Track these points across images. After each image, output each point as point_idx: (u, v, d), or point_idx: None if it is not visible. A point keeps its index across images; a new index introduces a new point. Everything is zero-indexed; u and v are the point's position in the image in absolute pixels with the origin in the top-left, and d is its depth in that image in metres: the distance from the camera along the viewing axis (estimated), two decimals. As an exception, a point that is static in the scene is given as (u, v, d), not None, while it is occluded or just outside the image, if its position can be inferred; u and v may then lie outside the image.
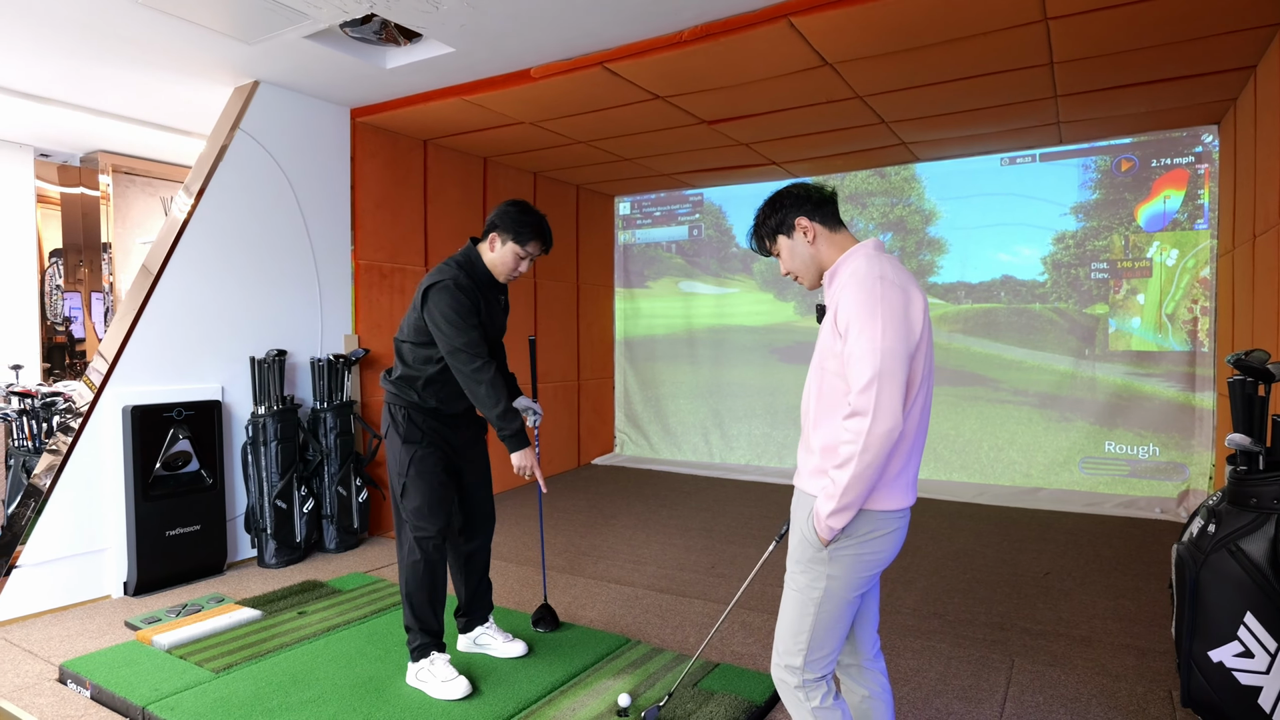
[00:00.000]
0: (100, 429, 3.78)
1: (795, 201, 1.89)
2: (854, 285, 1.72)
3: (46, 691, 2.83)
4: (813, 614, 1.79)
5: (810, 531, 1.78)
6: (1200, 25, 3.48)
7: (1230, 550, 2.25)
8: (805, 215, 1.88)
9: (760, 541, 4.71)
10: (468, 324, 2.62)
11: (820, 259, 1.89)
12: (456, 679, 2.68)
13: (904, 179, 6.23)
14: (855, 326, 1.67)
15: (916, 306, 1.73)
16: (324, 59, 4.06)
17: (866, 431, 1.62)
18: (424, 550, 2.73)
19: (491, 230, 2.75)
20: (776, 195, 1.93)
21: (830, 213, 1.90)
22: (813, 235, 1.88)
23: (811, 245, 1.88)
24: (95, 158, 5.91)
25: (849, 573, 1.77)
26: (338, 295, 4.85)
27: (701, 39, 3.66)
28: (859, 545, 1.76)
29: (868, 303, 1.68)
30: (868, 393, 1.62)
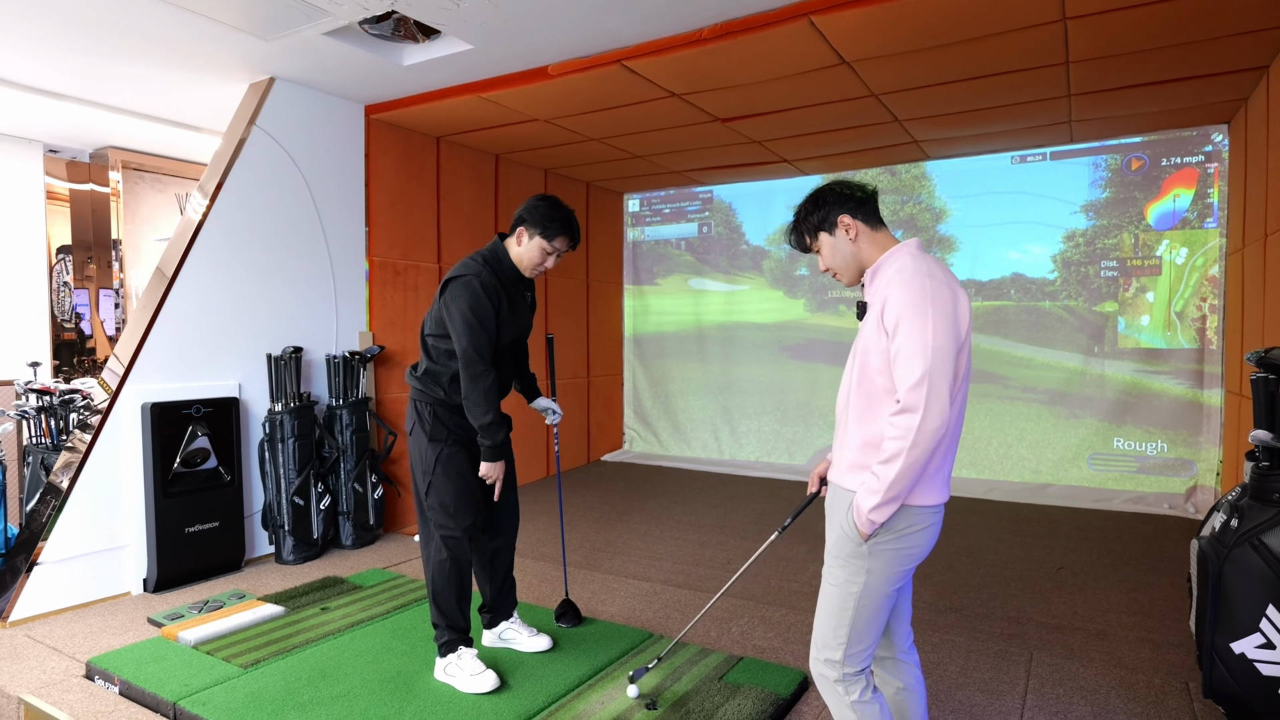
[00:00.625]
0: (119, 426, 3.79)
1: (838, 199, 1.91)
2: (901, 283, 1.75)
3: (74, 688, 2.84)
4: (852, 608, 1.81)
5: (850, 526, 1.80)
6: (1215, 25, 3.51)
7: (1253, 544, 2.29)
8: (848, 213, 1.90)
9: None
10: (482, 326, 2.62)
11: (861, 257, 1.91)
12: (485, 673, 2.70)
13: (914, 177, 6.25)
14: (905, 324, 1.69)
15: (962, 305, 1.76)
16: (341, 56, 4.07)
17: (916, 428, 1.64)
18: (450, 549, 2.74)
19: (519, 224, 2.74)
20: (819, 192, 1.95)
21: (872, 211, 1.92)
22: (855, 233, 1.89)
23: (853, 243, 1.90)
24: (105, 154, 5.90)
25: (888, 567, 1.79)
26: (352, 292, 4.86)
27: (721, 37, 3.67)
28: (898, 540, 1.78)
29: (918, 300, 1.70)
30: (919, 390, 1.64)
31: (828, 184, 1.96)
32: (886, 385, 1.76)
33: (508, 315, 2.73)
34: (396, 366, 5.09)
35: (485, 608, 3.07)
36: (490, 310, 2.64)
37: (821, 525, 5.16)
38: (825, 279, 6.76)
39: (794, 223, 1.99)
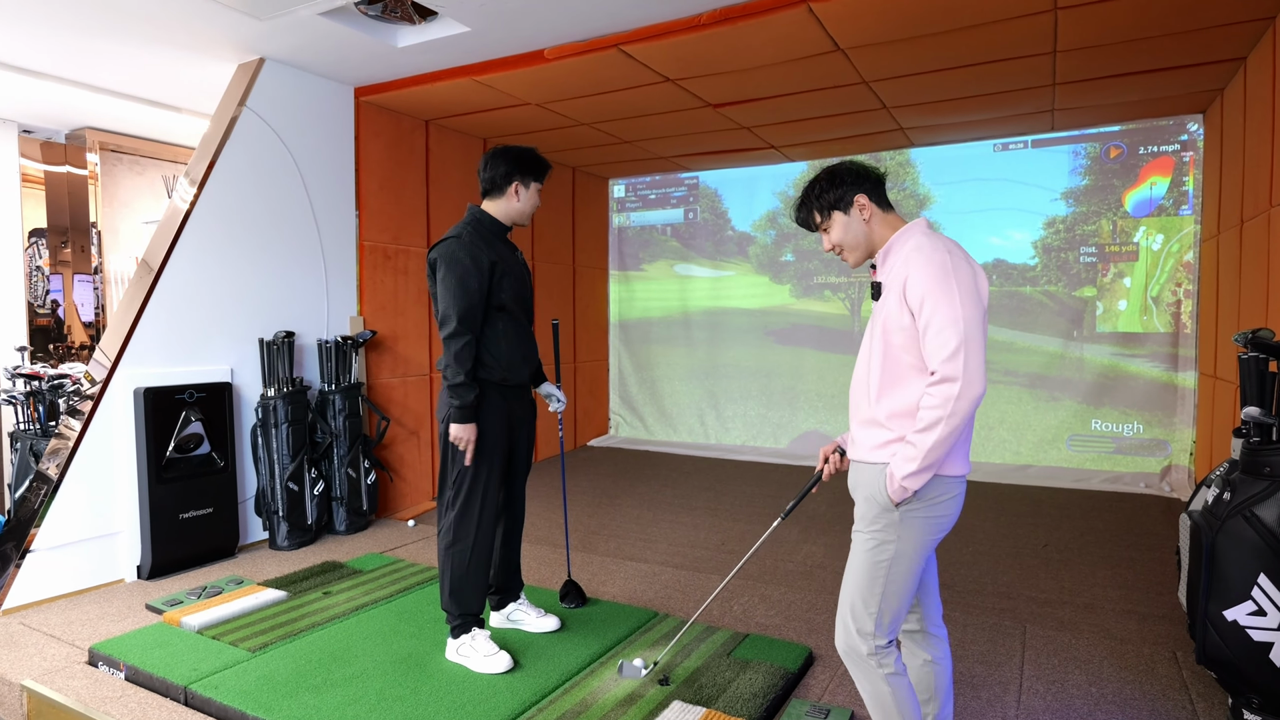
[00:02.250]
0: (111, 411, 3.73)
1: (855, 178, 1.94)
2: (922, 260, 1.79)
3: (78, 674, 2.81)
4: (884, 576, 1.85)
5: (882, 494, 1.84)
6: (1199, 17, 3.61)
7: (1245, 516, 2.39)
8: (865, 193, 1.93)
9: (765, 519, 4.81)
10: (463, 288, 2.63)
11: (873, 237, 1.95)
12: (499, 654, 2.73)
13: (898, 164, 6.34)
14: (931, 298, 1.74)
15: (981, 279, 1.82)
16: (334, 36, 4.01)
17: (956, 396, 1.69)
18: (470, 537, 2.75)
19: (510, 181, 2.77)
20: (835, 170, 1.97)
21: (884, 193, 1.96)
22: (869, 214, 1.93)
23: (867, 223, 1.94)
24: (82, 135, 5.75)
25: (918, 535, 1.84)
26: (343, 276, 4.82)
27: (720, 22, 3.69)
28: (929, 508, 1.83)
29: (940, 275, 1.75)
30: (955, 360, 1.69)
31: (843, 163, 1.98)
32: (913, 362, 1.81)
33: (503, 269, 2.74)
34: (388, 351, 5.06)
35: (493, 590, 3.08)
36: (472, 270, 2.66)
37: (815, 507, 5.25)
38: (811, 265, 6.83)
39: (804, 199, 2.01)
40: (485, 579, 2.82)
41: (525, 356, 2.86)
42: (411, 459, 5.22)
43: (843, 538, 4.41)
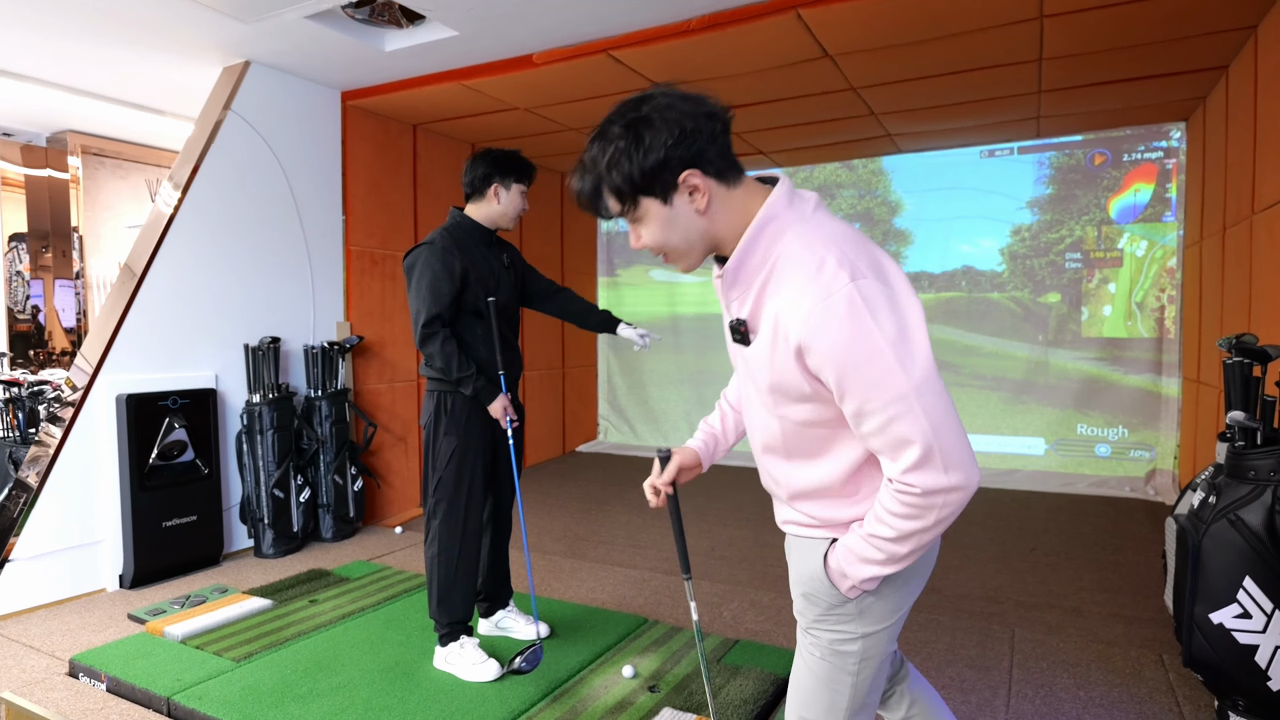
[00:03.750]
0: (93, 418, 3.68)
1: (679, 134, 1.17)
2: (815, 300, 1.13)
3: (58, 686, 2.77)
4: (850, 682, 1.35)
5: (826, 586, 1.34)
6: (1182, 25, 3.65)
7: (1230, 520, 2.40)
8: (697, 165, 1.19)
9: (755, 524, 4.81)
10: (432, 291, 2.61)
11: (714, 232, 1.24)
12: (487, 661, 2.70)
13: (871, 171, 6.40)
14: (855, 378, 1.13)
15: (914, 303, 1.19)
16: (321, 40, 3.99)
17: (939, 505, 1.17)
18: (456, 544, 2.72)
19: (489, 183, 2.74)
20: (641, 118, 1.19)
21: (726, 152, 1.22)
22: (705, 198, 1.21)
23: (703, 215, 1.23)
24: (63, 138, 5.69)
25: (889, 613, 1.35)
26: (330, 282, 4.78)
27: (709, 28, 3.70)
28: (898, 590, 1.35)
29: (861, 333, 1.12)
30: (925, 470, 1.15)
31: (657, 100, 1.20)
32: (828, 434, 1.28)
33: (477, 275, 2.70)
34: (375, 357, 5.03)
35: (482, 597, 3.06)
36: (442, 275, 2.63)
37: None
38: None
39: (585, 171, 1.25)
40: (473, 586, 2.79)
41: (508, 361, 2.81)
42: (399, 465, 5.18)
43: (831, 543, 4.41)
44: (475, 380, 2.65)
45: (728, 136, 1.23)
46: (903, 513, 1.19)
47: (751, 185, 1.26)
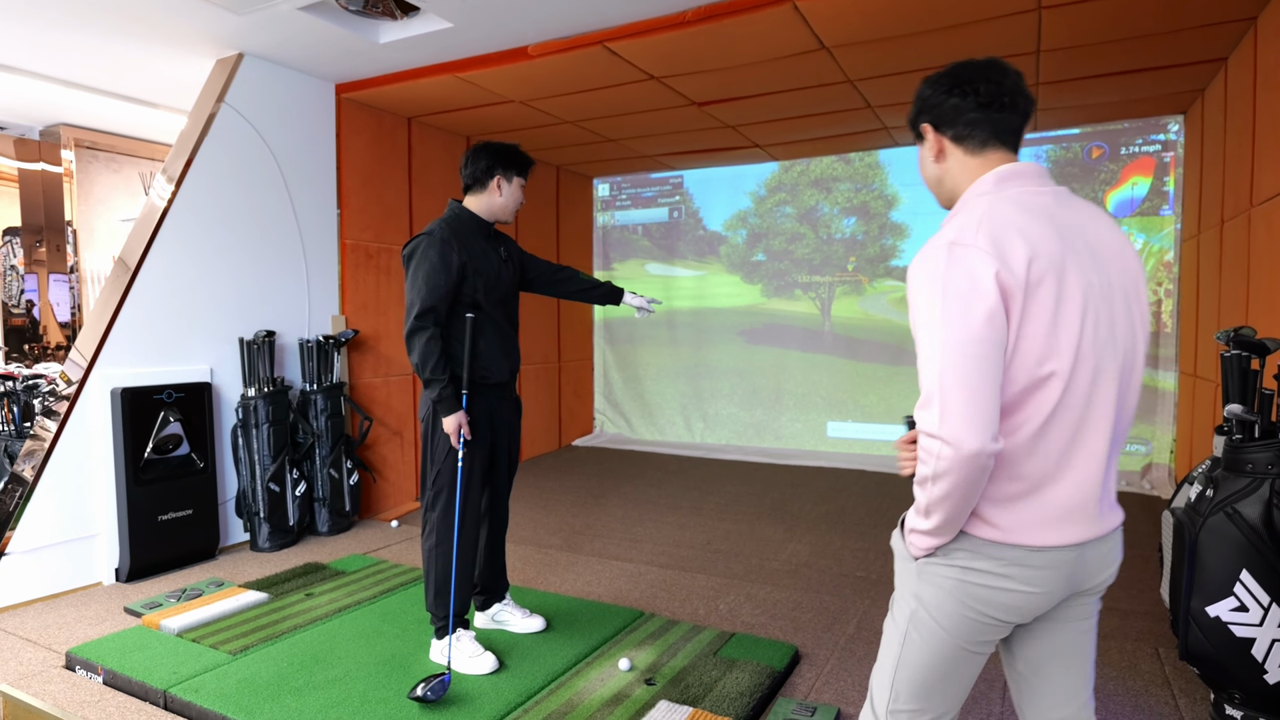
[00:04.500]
0: (88, 412, 3.66)
1: (930, 97, 1.42)
2: (920, 255, 1.33)
3: (55, 679, 2.76)
4: (899, 641, 1.43)
5: (900, 541, 1.46)
6: (1180, 17, 3.64)
7: (1227, 513, 2.40)
8: (931, 122, 1.42)
9: (750, 518, 4.81)
10: (428, 284, 2.59)
11: (946, 186, 1.45)
12: (483, 654, 2.70)
13: (867, 165, 6.39)
14: (913, 315, 1.30)
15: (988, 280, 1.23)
16: (315, 31, 3.96)
17: (937, 454, 1.24)
18: (452, 538, 2.71)
19: (492, 175, 2.74)
20: (933, 76, 1.44)
21: (975, 121, 1.38)
22: (938, 150, 1.43)
23: (936, 163, 1.45)
24: (57, 131, 5.66)
25: (943, 603, 1.36)
26: (325, 275, 4.77)
27: (705, 20, 3.68)
28: (960, 574, 1.35)
29: (925, 283, 1.28)
30: (928, 409, 1.25)
31: (937, 73, 1.43)
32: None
33: (476, 268, 2.69)
34: (370, 351, 5.01)
35: (478, 590, 3.05)
36: (440, 267, 2.61)
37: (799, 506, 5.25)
38: (781, 265, 6.85)
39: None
40: (470, 580, 2.79)
41: (505, 353, 2.81)
42: (394, 459, 5.17)
43: (828, 536, 4.42)
44: (444, 388, 2.61)
45: (986, 113, 1.37)
46: (919, 455, 1.28)
47: (994, 160, 1.39)
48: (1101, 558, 1.41)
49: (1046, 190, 1.36)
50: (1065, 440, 1.31)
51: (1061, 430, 1.30)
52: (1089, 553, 1.37)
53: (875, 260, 6.47)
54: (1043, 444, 1.30)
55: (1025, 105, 1.39)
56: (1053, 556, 1.33)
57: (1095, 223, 1.37)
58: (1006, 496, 1.32)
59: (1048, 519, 1.32)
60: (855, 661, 2.84)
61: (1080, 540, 1.34)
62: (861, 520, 4.75)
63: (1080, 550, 1.35)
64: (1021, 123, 1.40)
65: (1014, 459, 1.30)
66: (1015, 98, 1.38)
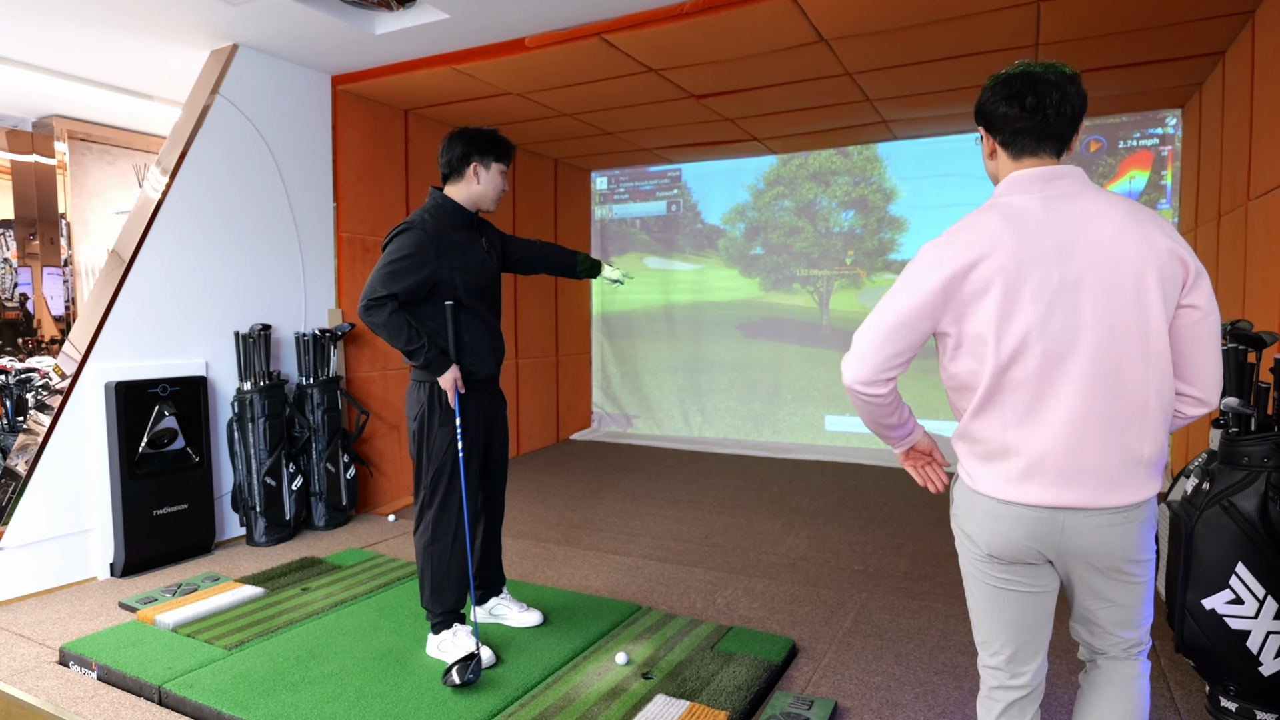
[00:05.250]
0: (82, 406, 3.64)
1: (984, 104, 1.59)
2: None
3: (48, 674, 2.75)
4: (969, 586, 1.70)
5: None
6: (1179, 11, 3.63)
7: (1224, 506, 2.40)
8: (985, 126, 1.61)
9: (748, 512, 4.81)
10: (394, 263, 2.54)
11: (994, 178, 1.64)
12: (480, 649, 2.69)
13: (866, 158, 6.38)
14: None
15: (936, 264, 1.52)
16: (310, 22, 3.93)
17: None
18: (449, 535, 2.71)
19: (467, 162, 2.67)
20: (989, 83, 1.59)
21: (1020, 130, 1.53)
22: (990, 150, 1.63)
23: (990, 160, 1.65)
24: (50, 123, 5.62)
25: (961, 546, 1.68)
26: (321, 269, 4.74)
27: (703, 11, 3.66)
28: (960, 520, 1.66)
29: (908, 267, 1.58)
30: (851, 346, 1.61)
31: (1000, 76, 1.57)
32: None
33: (457, 263, 2.64)
34: (367, 345, 5.00)
35: (477, 584, 3.04)
36: (410, 263, 2.55)
37: (797, 500, 5.23)
38: (780, 258, 6.84)
39: None
40: (465, 575, 2.78)
41: (491, 348, 2.78)
42: (391, 453, 5.16)
43: (825, 530, 4.42)
44: (427, 350, 2.57)
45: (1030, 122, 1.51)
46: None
47: (1030, 165, 1.55)
48: (1095, 531, 1.52)
49: (1046, 194, 1.51)
50: (1017, 415, 1.50)
51: (1011, 407, 1.51)
52: (1069, 520, 1.52)
53: (873, 254, 6.46)
54: (992, 417, 1.53)
55: (1073, 111, 1.51)
56: (1015, 510, 1.54)
57: (1092, 220, 1.48)
58: (975, 455, 1.59)
59: (1008, 478, 1.53)
60: (853, 655, 2.84)
61: (1046, 503, 1.51)
62: (859, 514, 4.75)
63: (1052, 514, 1.52)
64: (1066, 128, 1.53)
65: (971, 427, 1.57)
66: (1061, 106, 1.50)
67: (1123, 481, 1.50)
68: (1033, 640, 1.63)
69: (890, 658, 2.82)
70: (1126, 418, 1.47)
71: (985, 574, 1.63)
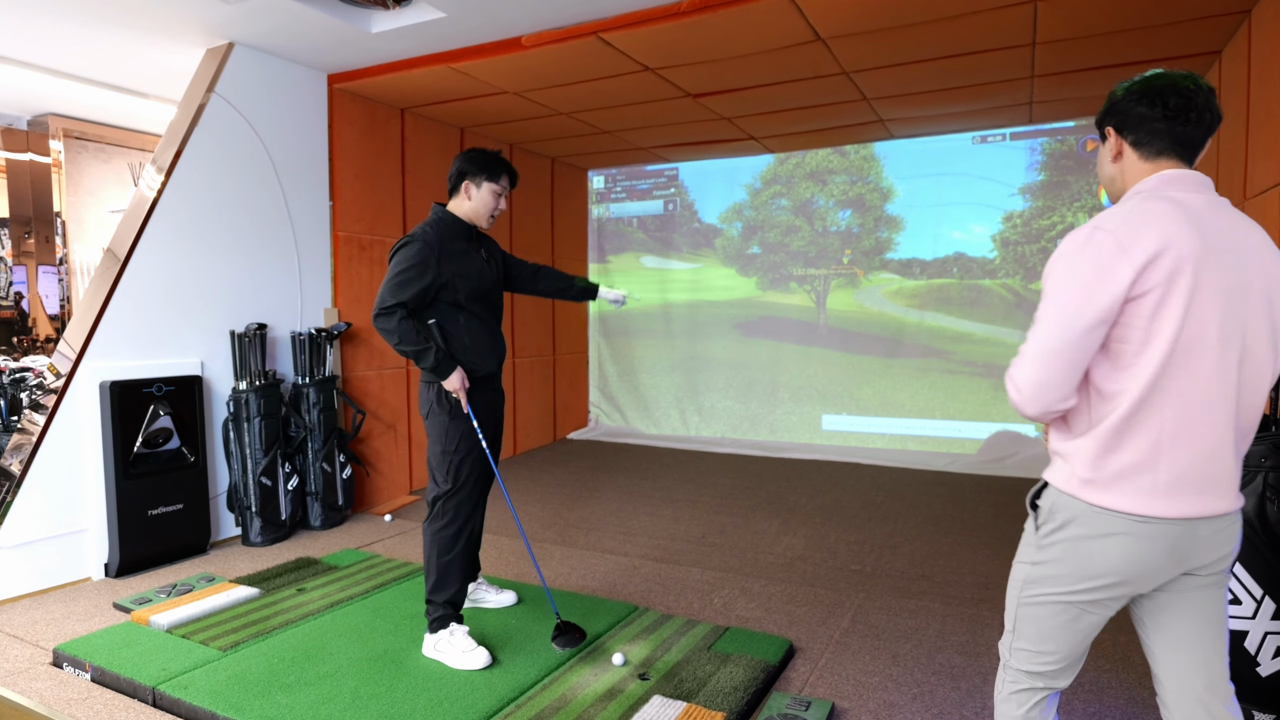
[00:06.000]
0: (76, 405, 3.63)
1: (1119, 105, 1.53)
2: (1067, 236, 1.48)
3: (42, 675, 2.74)
4: (1017, 599, 1.60)
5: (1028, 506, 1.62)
6: (1175, 10, 3.62)
7: (1221, 507, 2.40)
8: (1115, 127, 1.55)
9: (745, 511, 4.81)
10: (401, 276, 2.67)
11: (1119, 186, 1.57)
12: (477, 649, 2.69)
13: (863, 157, 6.38)
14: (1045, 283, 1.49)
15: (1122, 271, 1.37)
16: (306, 21, 3.92)
17: (1013, 398, 1.49)
18: (462, 522, 2.80)
19: (461, 180, 2.84)
20: (1118, 87, 1.56)
21: (1155, 134, 1.49)
22: (1117, 152, 1.55)
23: (1114, 164, 1.57)
24: (45, 121, 5.60)
25: (1057, 567, 1.51)
26: (317, 268, 4.73)
27: (700, 10, 3.65)
28: (1071, 542, 1.49)
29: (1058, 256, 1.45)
30: (1015, 364, 1.49)
31: (1134, 84, 1.53)
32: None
33: (454, 271, 2.75)
34: (363, 344, 4.98)
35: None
36: (414, 272, 2.68)
37: (795, 499, 5.23)
38: (777, 257, 6.84)
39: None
40: (467, 564, 2.84)
41: (491, 348, 2.89)
42: (388, 453, 5.15)
43: (823, 529, 4.41)
44: (438, 352, 2.68)
45: (1170, 124, 1.47)
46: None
47: (1164, 168, 1.49)
48: (1212, 537, 1.46)
49: (1208, 197, 1.46)
50: (1176, 424, 1.40)
51: (1171, 414, 1.40)
52: (1199, 530, 1.43)
53: (870, 253, 6.46)
54: (1147, 425, 1.41)
55: (1211, 120, 1.48)
56: (1158, 527, 1.42)
57: (1244, 230, 1.46)
58: (1109, 469, 1.44)
59: (1152, 491, 1.41)
60: (850, 655, 2.83)
61: (1190, 514, 1.41)
62: (856, 513, 4.75)
63: (1189, 526, 1.42)
64: (1204, 136, 1.49)
65: (1114, 438, 1.43)
66: (1203, 113, 1.47)
67: (1233, 484, 1.48)
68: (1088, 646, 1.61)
69: (887, 658, 2.82)
70: (1246, 425, 1.47)
71: (1078, 598, 1.51)
